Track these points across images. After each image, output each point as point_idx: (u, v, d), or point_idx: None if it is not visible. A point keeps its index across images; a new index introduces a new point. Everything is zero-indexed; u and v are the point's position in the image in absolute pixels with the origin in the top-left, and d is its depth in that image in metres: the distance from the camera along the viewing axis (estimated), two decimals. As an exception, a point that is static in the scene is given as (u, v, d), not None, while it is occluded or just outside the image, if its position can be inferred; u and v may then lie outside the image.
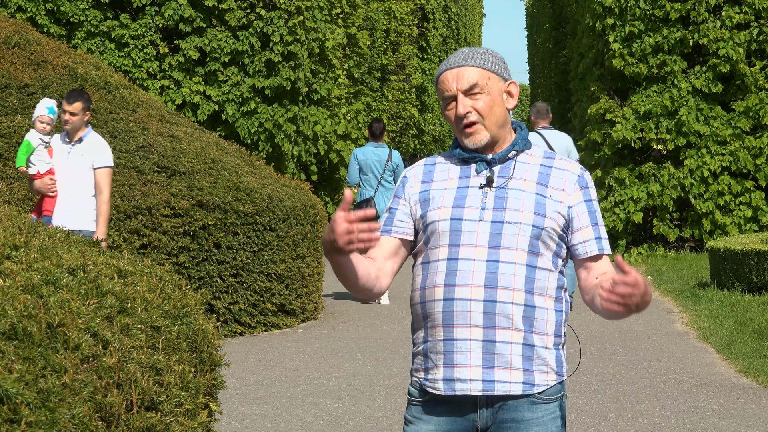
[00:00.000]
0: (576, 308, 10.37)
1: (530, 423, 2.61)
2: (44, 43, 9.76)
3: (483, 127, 2.62)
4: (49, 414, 1.87)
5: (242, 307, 8.88)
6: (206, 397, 2.56)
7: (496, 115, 2.63)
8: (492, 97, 2.63)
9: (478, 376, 2.57)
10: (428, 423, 2.65)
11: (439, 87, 2.67)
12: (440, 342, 2.60)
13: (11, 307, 2.05)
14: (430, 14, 34.87)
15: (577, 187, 2.67)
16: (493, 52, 2.68)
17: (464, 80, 2.61)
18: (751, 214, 14.95)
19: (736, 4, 15.41)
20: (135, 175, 8.60)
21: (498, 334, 2.56)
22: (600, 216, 2.71)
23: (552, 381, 2.64)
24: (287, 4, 18.67)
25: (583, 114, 16.94)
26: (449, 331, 2.58)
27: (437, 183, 2.69)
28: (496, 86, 2.64)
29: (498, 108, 2.64)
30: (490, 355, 2.56)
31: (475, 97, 2.62)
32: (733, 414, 6.26)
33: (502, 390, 2.58)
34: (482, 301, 2.55)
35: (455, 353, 2.58)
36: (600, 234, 2.68)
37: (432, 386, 2.62)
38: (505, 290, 2.56)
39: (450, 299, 2.58)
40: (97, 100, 9.21)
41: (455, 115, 2.63)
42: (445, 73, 2.64)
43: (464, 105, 2.61)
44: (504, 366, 2.57)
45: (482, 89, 2.62)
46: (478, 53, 2.65)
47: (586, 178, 2.70)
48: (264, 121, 18.56)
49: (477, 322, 2.56)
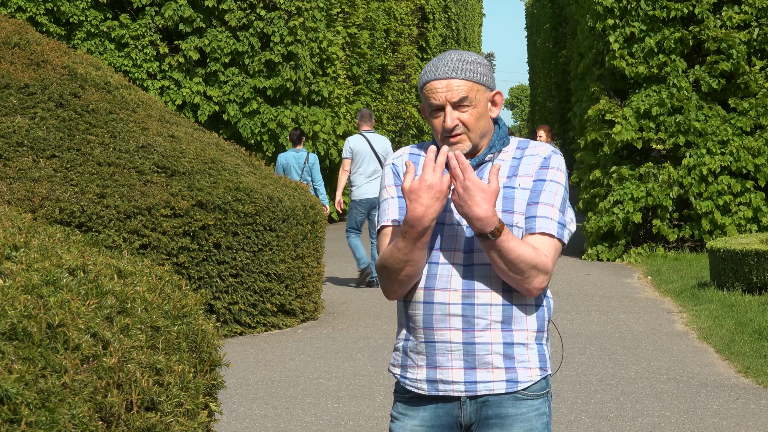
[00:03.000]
0: (575, 309, 10.38)
1: (514, 419, 2.64)
2: (44, 43, 9.76)
3: (467, 138, 2.63)
4: (49, 414, 1.87)
5: (242, 308, 8.88)
6: (206, 397, 2.56)
7: (481, 127, 2.64)
8: (479, 109, 2.63)
9: (460, 378, 2.62)
10: (413, 419, 2.69)
11: (425, 93, 2.65)
12: (422, 343, 2.65)
13: (11, 307, 2.05)
14: (429, 14, 34.86)
15: (539, 167, 2.65)
16: (480, 60, 2.66)
17: (454, 93, 2.60)
18: (752, 214, 14.94)
19: (736, 4, 15.41)
20: (135, 175, 8.61)
21: (477, 336, 2.60)
22: (549, 195, 2.63)
23: (536, 377, 2.66)
24: (287, 5, 18.68)
25: (582, 114, 16.93)
26: (429, 333, 2.63)
27: None
28: (483, 97, 2.65)
29: (483, 119, 2.65)
30: (471, 356, 2.61)
31: (462, 110, 2.61)
32: (733, 414, 6.26)
33: (485, 390, 2.63)
34: (461, 305, 2.60)
35: (437, 355, 2.63)
36: (535, 213, 2.62)
37: (415, 386, 2.67)
38: (483, 292, 2.60)
39: (430, 302, 2.62)
40: (97, 100, 9.21)
41: (442, 126, 2.63)
42: (434, 82, 2.62)
43: (452, 118, 2.61)
44: (485, 366, 2.62)
45: (470, 102, 2.61)
46: (467, 64, 2.63)
47: (552, 159, 2.67)
48: (267, 122, 18.57)
49: (456, 326, 2.60)
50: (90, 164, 8.52)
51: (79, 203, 8.06)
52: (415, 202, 2.51)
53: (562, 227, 2.63)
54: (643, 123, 15.28)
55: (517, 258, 2.53)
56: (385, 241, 2.70)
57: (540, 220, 2.61)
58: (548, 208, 2.62)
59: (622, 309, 10.47)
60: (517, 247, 2.53)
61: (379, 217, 2.75)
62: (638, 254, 15.29)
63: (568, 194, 2.70)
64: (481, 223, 2.49)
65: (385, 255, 2.63)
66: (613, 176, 15.47)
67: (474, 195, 2.48)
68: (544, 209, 2.61)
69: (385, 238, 2.71)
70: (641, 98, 15.37)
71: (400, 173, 2.74)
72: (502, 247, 2.51)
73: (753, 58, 15.40)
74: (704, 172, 14.88)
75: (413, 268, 2.60)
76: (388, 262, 2.62)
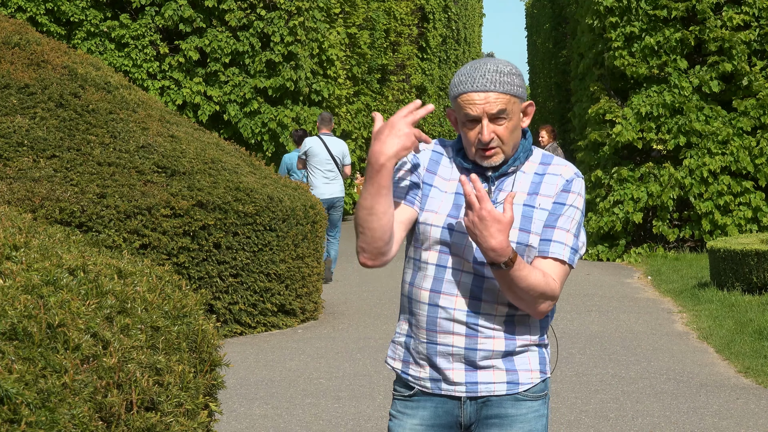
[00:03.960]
0: (575, 309, 10.38)
1: (514, 419, 2.66)
2: (44, 43, 9.76)
3: (501, 150, 2.61)
4: (49, 414, 1.87)
5: (242, 308, 8.88)
6: (206, 397, 2.57)
7: (514, 138, 2.63)
8: (514, 122, 2.61)
9: (461, 380, 2.64)
10: (413, 417, 2.70)
11: (461, 103, 2.60)
12: (424, 344, 2.66)
13: (11, 307, 2.05)
14: (429, 14, 34.85)
15: (560, 189, 2.64)
16: (516, 71, 2.63)
17: (492, 105, 2.57)
18: (751, 214, 14.94)
19: (736, 4, 15.41)
20: (135, 175, 8.60)
21: (480, 342, 2.62)
22: (567, 221, 2.63)
23: (536, 379, 2.68)
24: (287, 5, 18.68)
25: (583, 114, 16.93)
26: (432, 335, 2.64)
27: (439, 180, 2.68)
28: (518, 109, 2.63)
29: (516, 132, 2.63)
30: (473, 360, 2.62)
31: (499, 122, 2.59)
32: (733, 414, 6.26)
33: (486, 390, 2.64)
34: (465, 312, 2.61)
35: (438, 356, 2.64)
36: (551, 236, 2.61)
37: (418, 383, 2.68)
38: (489, 303, 2.61)
39: (435, 305, 2.63)
40: (97, 100, 9.21)
41: (477, 139, 2.60)
42: (472, 94, 2.58)
43: (490, 131, 2.58)
44: (487, 368, 2.64)
45: (507, 115, 2.59)
46: (505, 76, 2.59)
47: (574, 183, 2.65)
48: (267, 122, 18.57)
49: (460, 331, 2.61)
50: (90, 164, 8.52)
51: (79, 203, 8.06)
52: (375, 140, 2.53)
53: (574, 252, 2.64)
54: (645, 125, 15.27)
55: (527, 287, 2.54)
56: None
57: (554, 245, 2.61)
58: (564, 234, 2.62)
59: (622, 309, 10.47)
60: (528, 276, 2.54)
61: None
62: (638, 254, 15.29)
63: (584, 218, 2.68)
64: (495, 254, 2.49)
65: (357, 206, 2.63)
66: (613, 176, 15.47)
67: (489, 226, 2.47)
68: (560, 234, 2.61)
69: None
70: (642, 98, 15.37)
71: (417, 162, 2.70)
72: (514, 276, 2.52)
73: (753, 58, 15.40)
74: (704, 173, 14.88)
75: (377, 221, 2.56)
76: (357, 214, 2.61)
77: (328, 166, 12.17)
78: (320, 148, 12.14)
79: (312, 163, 12.17)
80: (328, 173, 12.18)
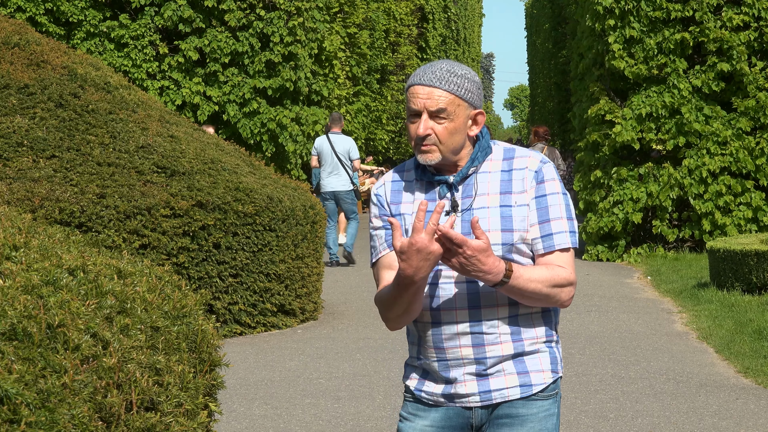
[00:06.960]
0: (575, 309, 10.38)
1: (525, 419, 2.66)
2: (44, 43, 9.76)
3: (437, 149, 2.60)
4: (49, 414, 1.87)
5: (242, 308, 8.88)
6: (206, 397, 2.57)
7: (454, 142, 2.60)
8: (455, 124, 2.59)
9: (474, 390, 2.64)
10: (424, 420, 2.70)
11: (408, 95, 2.62)
12: (434, 362, 2.66)
13: (11, 307, 2.05)
14: (429, 14, 34.87)
15: (533, 183, 2.63)
16: (471, 75, 2.62)
17: (433, 101, 2.57)
18: (751, 214, 14.94)
19: (735, 5, 15.41)
20: (134, 175, 8.60)
21: (488, 350, 2.62)
22: (557, 209, 2.63)
23: (549, 379, 2.68)
24: (287, 5, 18.68)
25: (582, 114, 16.93)
26: (441, 352, 2.65)
27: (405, 205, 2.68)
28: (464, 113, 2.60)
29: (458, 135, 2.61)
30: (483, 369, 2.63)
31: (439, 121, 2.58)
32: (733, 414, 6.26)
33: (500, 397, 2.65)
34: (468, 323, 2.61)
35: (450, 370, 2.64)
36: (550, 230, 2.62)
37: (432, 399, 2.69)
38: (489, 308, 2.61)
39: (437, 323, 2.63)
40: (97, 101, 9.21)
41: (415, 132, 2.61)
42: (418, 87, 2.59)
43: (426, 126, 2.58)
44: (498, 375, 2.64)
45: (448, 115, 2.58)
46: (454, 76, 2.59)
47: (544, 171, 2.64)
48: (267, 122, 18.57)
49: (466, 343, 2.62)
50: (90, 164, 8.52)
51: (79, 203, 8.06)
52: (405, 263, 2.48)
53: (574, 235, 2.65)
54: (645, 125, 15.27)
55: (537, 286, 2.55)
56: (381, 274, 2.70)
57: (557, 237, 2.61)
58: (560, 222, 2.62)
59: (621, 309, 10.47)
60: (532, 277, 2.54)
61: (372, 252, 2.74)
62: (638, 254, 15.29)
63: (568, 196, 2.69)
64: (491, 275, 2.50)
65: (382, 297, 2.63)
66: (613, 177, 15.47)
67: (476, 262, 2.47)
68: (557, 224, 2.62)
69: (381, 270, 2.70)
70: (641, 99, 15.37)
71: (383, 203, 2.71)
72: (519, 284, 2.53)
73: (753, 58, 15.40)
74: (704, 174, 14.88)
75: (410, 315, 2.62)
76: (384, 306, 2.63)
77: (332, 162, 13.72)
78: (326, 146, 13.73)
79: (320, 159, 13.81)
80: (332, 169, 13.73)
